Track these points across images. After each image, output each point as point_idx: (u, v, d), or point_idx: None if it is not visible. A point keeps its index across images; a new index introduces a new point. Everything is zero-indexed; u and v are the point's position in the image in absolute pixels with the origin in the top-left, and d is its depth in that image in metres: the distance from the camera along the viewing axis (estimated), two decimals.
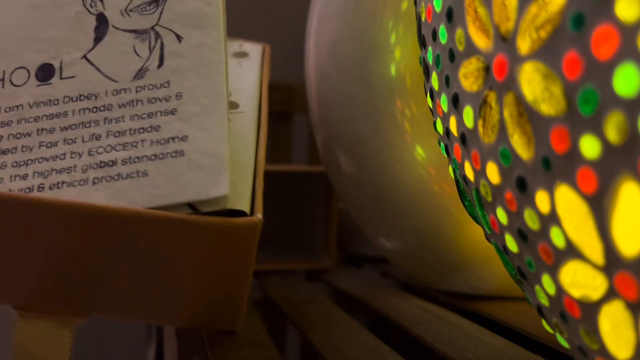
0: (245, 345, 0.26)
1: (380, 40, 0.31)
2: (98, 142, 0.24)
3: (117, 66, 0.25)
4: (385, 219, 0.34)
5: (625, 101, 0.11)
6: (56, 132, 0.24)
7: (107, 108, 0.24)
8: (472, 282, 0.34)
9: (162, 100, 0.24)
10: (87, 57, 0.26)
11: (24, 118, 0.24)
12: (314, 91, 0.36)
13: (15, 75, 0.25)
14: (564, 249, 0.14)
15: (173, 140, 0.23)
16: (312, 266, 0.44)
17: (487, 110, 0.16)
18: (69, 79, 0.25)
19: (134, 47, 0.26)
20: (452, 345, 0.26)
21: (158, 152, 0.23)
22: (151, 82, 0.25)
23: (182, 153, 0.23)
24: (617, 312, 0.13)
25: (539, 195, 0.14)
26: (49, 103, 0.25)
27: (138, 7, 0.26)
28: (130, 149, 0.23)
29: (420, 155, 0.31)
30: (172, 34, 0.25)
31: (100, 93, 0.25)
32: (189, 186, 0.22)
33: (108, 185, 0.22)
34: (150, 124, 0.24)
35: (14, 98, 0.25)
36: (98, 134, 0.24)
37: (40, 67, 0.25)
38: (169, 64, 0.25)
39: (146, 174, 0.23)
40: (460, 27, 0.17)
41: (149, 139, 0.23)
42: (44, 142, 0.24)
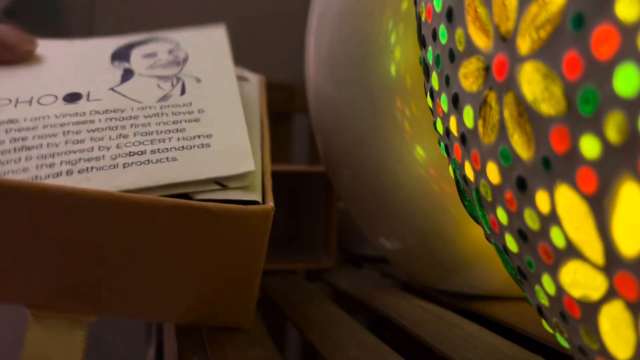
0: (245, 345, 0.26)
1: (380, 40, 0.31)
2: (125, 139, 0.25)
3: (142, 94, 0.27)
4: (385, 219, 0.34)
5: (626, 101, 0.11)
6: (83, 133, 0.25)
7: (134, 118, 0.26)
8: (472, 282, 0.34)
9: (186, 114, 0.26)
10: (114, 89, 0.27)
11: (50, 124, 0.25)
12: (314, 91, 0.36)
13: (44, 99, 0.27)
14: (564, 249, 0.14)
15: (198, 137, 0.25)
16: (312, 266, 0.44)
17: (487, 110, 0.16)
18: (95, 100, 0.27)
19: (158, 84, 0.28)
20: (452, 345, 0.26)
21: (185, 145, 0.24)
22: (175, 103, 0.27)
23: (209, 145, 0.24)
24: (617, 312, 0.13)
25: (539, 195, 0.14)
26: (75, 115, 0.26)
27: (162, 65, 0.29)
28: (158, 143, 0.24)
29: (420, 155, 0.31)
30: (192, 77, 0.28)
31: (127, 109, 0.26)
32: (216, 165, 0.24)
33: (138, 168, 0.23)
34: (176, 127, 0.25)
35: (41, 112, 0.26)
36: (125, 134, 0.25)
37: (69, 94, 0.27)
38: (190, 92, 0.27)
39: (175, 159, 0.24)
40: (460, 27, 0.17)
41: (176, 137, 0.25)
42: (71, 139, 0.25)
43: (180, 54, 0.30)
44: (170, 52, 0.30)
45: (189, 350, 0.27)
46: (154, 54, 0.30)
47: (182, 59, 0.30)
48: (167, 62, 0.29)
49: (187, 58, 0.30)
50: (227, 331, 0.28)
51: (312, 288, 0.38)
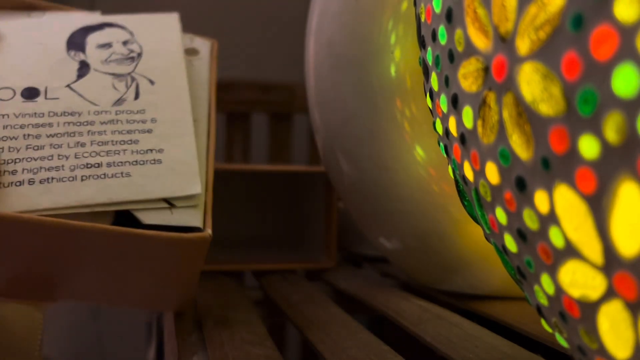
0: (245, 344, 0.26)
1: (380, 40, 0.31)
2: (83, 148, 0.26)
3: (98, 95, 0.28)
4: (385, 219, 0.34)
5: (625, 101, 0.11)
6: (42, 138, 0.26)
7: (90, 124, 0.27)
8: (472, 282, 0.34)
9: (139, 122, 0.28)
10: (70, 86, 0.28)
11: (10, 125, 0.26)
12: (314, 91, 0.36)
13: (1, 93, 0.27)
14: (563, 249, 0.14)
15: (151, 151, 0.27)
16: (312, 266, 0.44)
17: (486, 110, 0.16)
18: (53, 99, 0.28)
19: (113, 84, 0.29)
20: (452, 344, 0.26)
21: (139, 159, 0.26)
22: (129, 108, 0.28)
23: (160, 161, 0.26)
24: (616, 311, 0.13)
25: (538, 195, 0.14)
26: (34, 115, 0.27)
27: (116, 59, 0.30)
28: (113, 155, 0.26)
29: (420, 156, 0.31)
30: (146, 79, 0.29)
31: (83, 112, 0.27)
32: (167, 185, 0.26)
33: (95, 182, 0.25)
34: (130, 138, 0.27)
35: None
36: (83, 142, 0.26)
37: (26, 88, 0.28)
38: (144, 97, 0.29)
39: (129, 175, 0.26)
40: (460, 28, 0.17)
41: (130, 149, 0.26)
42: (31, 145, 0.26)
43: (134, 48, 0.31)
44: (125, 43, 0.31)
45: (189, 350, 0.27)
46: (109, 45, 0.31)
47: (137, 54, 0.30)
48: (122, 56, 0.30)
49: (141, 54, 0.30)
50: (227, 331, 0.28)
51: (312, 288, 0.38)
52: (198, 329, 0.29)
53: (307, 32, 0.37)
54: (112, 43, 0.31)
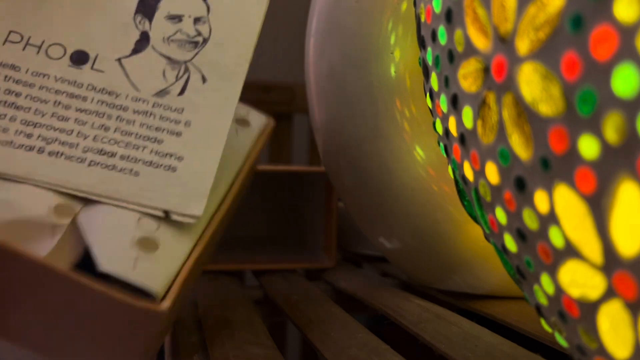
0: (245, 344, 0.26)
1: (380, 40, 0.31)
2: (105, 132, 0.25)
3: (144, 79, 0.27)
4: (385, 219, 0.34)
5: (624, 102, 0.11)
6: (71, 110, 0.25)
7: (123, 109, 0.26)
8: (472, 281, 0.34)
9: (172, 122, 0.26)
10: (121, 60, 0.27)
11: (47, 86, 0.26)
12: (314, 91, 0.36)
13: (52, 49, 0.27)
14: (563, 249, 0.14)
15: (170, 156, 0.25)
16: (312, 266, 0.44)
17: (486, 110, 0.16)
18: (98, 72, 0.26)
19: (164, 71, 0.27)
20: (452, 344, 0.26)
21: (154, 161, 0.25)
22: (168, 104, 0.26)
23: (175, 169, 0.25)
24: (615, 311, 0.13)
25: (537, 195, 0.14)
26: (74, 84, 0.26)
27: (179, 40, 0.28)
28: (131, 149, 0.25)
29: (420, 156, 0.31)
30: (199, 73, 0.27)
31: (122, 94, 0.26)
32: (171, 197, 0.24)
33: (101, 171, 0.24)
34: (156, 136, 0.25)
35: (44, 66, 0.26)
36: (108, 126, 0.25)
37: (77, 51, 0.27)
38: (189, 95, 0.27)
39: (138, 174, 0.24)
40: (460, 28, 0.17)
41: (150, 148, 0.25)
42: (57, 113, 0.25)
43: (203, 30, 0.28)
44: (196, 21, 0.28)
45: (190, 349, 0.27)
46: (180, 18, 0.28)
47: (202, 40, 0.28)
48: (187, 38, 0.28)
49: (207, 40, 0.28)
50: (227, 330, 0.28)
51: (312, 288, 0.38)
52: (198, 329, 0.29)
53: (307, 32, 0.37)
54: (183, 17, 0.28)
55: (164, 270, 0.22)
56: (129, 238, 0.22)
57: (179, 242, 0.23)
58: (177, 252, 0.23)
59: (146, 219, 0.23)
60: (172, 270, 0.22)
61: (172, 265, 0.22)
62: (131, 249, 0.22)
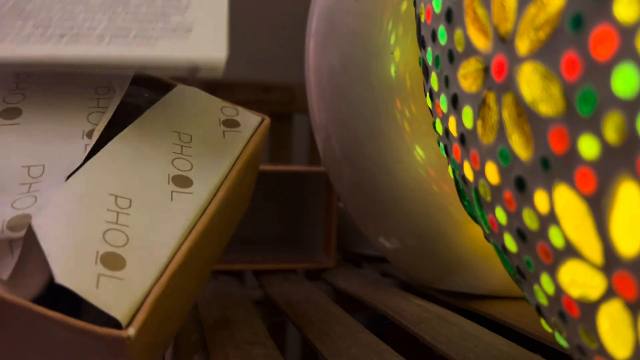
0: (245, 344, 0.26)
1: (380, 40, 0.31)
2: (116, 16, 0.26)
3: None
4: (385, 219, 0.34)
5: (624, 102, 0.11)
6: (80, 7, 0.27)
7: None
8: (472, 281, 0.34)
9: (175, 2, 0.27)
10: None
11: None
12: (313, 91, 0.36)
13: None
14: (563, 249, 0.14)
15: (180, 29, 0.25)
16: (312, 266, 0.44)
17: (486, 110, 0.16)
18: None
19: None
20: (452, 344, 0.26)
21: (168, 33, 0.25)
22: None
23: (187, 37, 0.25)
24: (615, 311, 0.13)
25: (537, 195, 0.14)
26: None
27: None
28: (144, 27, 0.25)
29: (420, 156, 0.31)
30: None
31: None
32: (192, 51, 0.24)
33: (121, 42, 0.24)
34: (163, 14, 0.26)
35: None
36: (117, 12, 0.26)
37: None
38: None
39: (156, 42, 0.25)
40: (460, 28, 0.17)
41: (161, 24, 0.26)
42: (66, 12, 0.26)
43: None
44: None
45: (190, 349, 0.27)
46: None
47: None
48: None
49: None
50: (227, 330, 0.28)
51: (312, 288, 0.38)
52: (198, 329, 0.29)
53: (307, 32, 0.37)
54: None
55: (130, 291, 0.19)
56: (93, 252, 0.19)
57: (150, 259, 0.20)
58: (147, 272, 0.20)
59: (113, 232, 0.21)
60: (140, 292, 0.19)
61: (140, 287, 0.19)
62: (94, 264, 0.19)
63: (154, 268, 0.20)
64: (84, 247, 0.19)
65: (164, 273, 0.20)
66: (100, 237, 0.20)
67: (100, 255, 0.19)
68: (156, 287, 0.20)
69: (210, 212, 0.23)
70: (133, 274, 0.19)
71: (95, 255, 0.19)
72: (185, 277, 0.22)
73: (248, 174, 0.28)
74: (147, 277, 0.20)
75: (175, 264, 0.21)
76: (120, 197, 0.22)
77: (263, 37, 1.02)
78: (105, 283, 0.19)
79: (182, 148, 0.26)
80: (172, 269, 0.21)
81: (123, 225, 0.21)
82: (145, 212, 0.22)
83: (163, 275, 0.20)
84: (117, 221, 0.21)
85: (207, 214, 0.23)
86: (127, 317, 0.18)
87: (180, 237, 0.22)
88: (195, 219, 0.23)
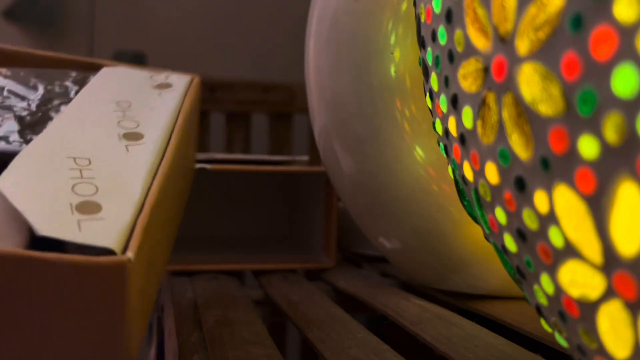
0: (245, 344, 0.26)
1: (380, 40, 0.31)
2: None
3: None
4: (385, 219, 0.34)
5: (624, 102, 0.11)
6: None
7: None
8: (472, 281, 0.34)
9: None
10: None
11: None
12: (314, 91, 0.36)
13: None
14: (563, 249, 0.14)
15: None
16: (312, 266, 0.44)
17: (486, 110, 0.16)
18: None
19: None
20: (452, 344, 0.26)
21: None
22: None
23: None
24: (615, 311, 0.13)
25: (537, 195, 0.14)
26: None
27: None
28: None
29: (420, 156, 0.31)
30: None
31: None
32: None
33: None
34: None
35: None
36: None
37: None
38: None
39: None
40: (460, 28, 0.17)
41: None
42: None
43: None
44: None
45: (190, 349, 0.27)
46: None
47: None
48: None
49: None
50: (227, 330, 0.28)
51: (312, 288, 0.38)
52: (198, 329, 0.29)
53: (307, 32, 0.37)
54: None
55: (114, 226, 0.19)
56: (66, 204, 0.19)
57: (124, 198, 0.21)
58: (125, 209, 0.20)
59: (81, 185, 0.21)
60: (123, 225, 0.19)
61: (122, 221, 0.19)
62: (72, 214, 0.19)
63: (130, 205, 0.20)
64: (57, 200, 0.20)
65: (143, 206, 0.21)
66: (69, 190, 0.20)
67: (74, 206, 0.19)
68: (142, 216, 0.20)
69: (171, 152, 0.25)
70: (112, 212, 0.20)
71: (69, 207, 0.19)
72: (161, 216, 0.23)
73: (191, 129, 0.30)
74: (127, 212, 0.20)
75: (154, 195, 0.21)
76: (79, 158, 0.23)
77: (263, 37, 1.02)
78: (87, 226, 0.19)
79: (124, 112, 0.27)
80: (152, 199, 0.21)
81: (89, 178, 0.21)
82: (106, 164, 0.23)
83: (144, 205, 0.21)
84: (81, 176, 0.22)
85: (168, 154, 0.25)
86: (120, 246, 0.18)
87: (145, 176, 0.22)
88: (156, 162, 0.24)
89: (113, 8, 1.00)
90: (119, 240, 0.19)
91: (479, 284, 0.34)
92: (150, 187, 0.22)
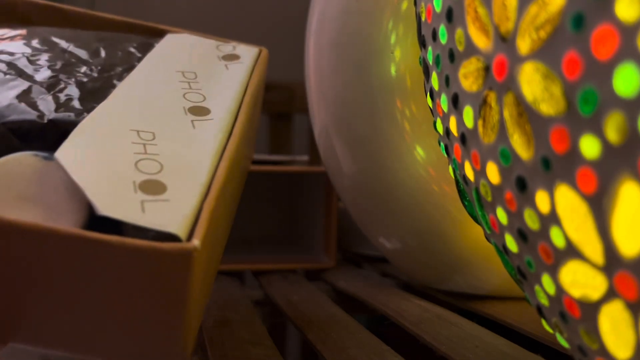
0: (245, 344, 0.26)
1: (380, 40, 0.31)
2: None
3: None
4: (385, 219, 0.34)
5: (625, 101, 0.11)
6: None
7: None
8: (472, 281, 0.34)
9: None
10: None
11: None
12: (314, 91, 0.36)
13: None
14: (564, 249, 0.14)
15: None
16: (312, 266, 0.44)
17: (487, 110, 0.16)
18: None
19: None
20: (452, 344, 0.26)
21: None
22: None
23: None
24: (617, 312, 0.13)
25: (538, 195, 0.14)
26: None
27: None
28: None
29: (420, 155, 0.31)
30: None
31: None
32: None
33: None
34: None
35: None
36: None
37: None
38: None
39: None
40: (460, 27, 0.17)
41: None
42: None
43: None
44: None
45: None
46: None
47: None
48: None
49: None
50: (227, 330, 0.28)
51: (312, 288, 0.38)
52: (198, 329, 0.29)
53: (307, 32, 0.37)
54: None
55: (180, 210, 0.18)
56: (129, 182, 0.18)
57: (190, 179, 0.19)
58: (191, 191, 0.19)
59: (145, 162, 0.20)
60: (189, 210, 0.18)
61: (188, 205, 0.18)
62: (134, 192, 0.18)
63: (197, 187, 0.19)
64: (120, 178, 0.18)
65: (210, 189, 0.19)
66: (132, 167, 0.19)
67: (138, 184, 0.18)
68: (208, 200, 0.19)
69: (238, 132, 0.23)
70: (178, 194, 0.18)
71: (133, 185, 0.18)
72: (224, 199, 0.21)
73: (257, 104, 0.28)
74: (193, 195, 0.19)
75: (220, 178, 0.20)
76: (143, 131, 0.21)
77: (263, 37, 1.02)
78: (151, 207, 0.17)
79: (190, 84, 0.25)
80: (218, 182, 0.20)
81: (153, 154, 0.20)
82: (171, 140, 0.21)
83: (211, 189, 0.19)
84: (145, 152, 0.20)
85: (235, 135, 0.23)
86: (185, 232, 0.17)
87: (213, 156, 0.21)
88: (223, 141, 0.22)
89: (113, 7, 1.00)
90: (185, 225, 0.17)
91: (479, 284, 0.34)
92: (217, 170, 0.20)
